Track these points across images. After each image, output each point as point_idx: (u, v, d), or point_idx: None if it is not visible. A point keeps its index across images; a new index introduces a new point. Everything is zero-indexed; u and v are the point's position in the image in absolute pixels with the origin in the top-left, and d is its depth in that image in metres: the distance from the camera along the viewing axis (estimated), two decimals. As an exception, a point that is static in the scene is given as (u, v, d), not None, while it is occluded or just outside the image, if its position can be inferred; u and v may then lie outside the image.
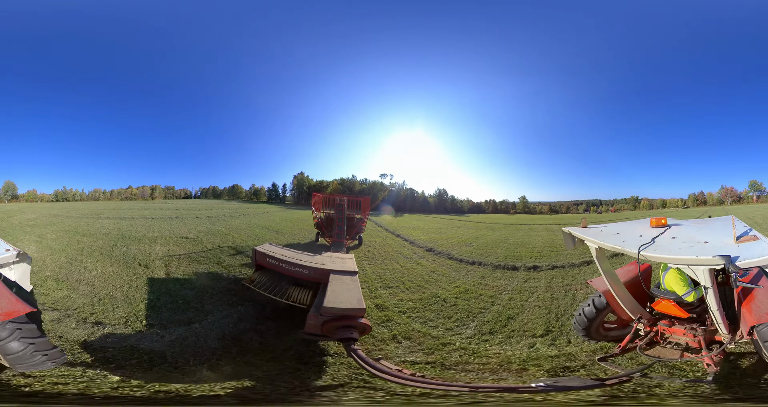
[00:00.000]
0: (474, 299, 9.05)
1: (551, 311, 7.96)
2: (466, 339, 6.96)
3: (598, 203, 33.66)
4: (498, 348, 6.56)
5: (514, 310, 8.20)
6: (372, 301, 8.61)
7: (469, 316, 8.03)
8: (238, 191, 35.42)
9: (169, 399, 4.77)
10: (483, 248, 15.85)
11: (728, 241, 4.30)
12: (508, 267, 12.03)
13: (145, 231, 16.55)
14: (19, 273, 5.21)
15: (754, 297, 4.55)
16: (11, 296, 4.60)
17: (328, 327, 5.74)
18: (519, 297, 9.07)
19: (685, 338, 5.28)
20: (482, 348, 6.61)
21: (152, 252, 12.56)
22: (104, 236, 15.13)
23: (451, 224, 26.59)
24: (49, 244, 13.25)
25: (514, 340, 6.83)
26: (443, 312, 8.28)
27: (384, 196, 30.23)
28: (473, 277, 11.17)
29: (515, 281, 10.58)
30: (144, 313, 7.72)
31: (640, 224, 5.52)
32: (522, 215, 32.42)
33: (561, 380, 4.71)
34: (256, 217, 24.66)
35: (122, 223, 18.91)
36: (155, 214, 22.91)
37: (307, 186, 33.90)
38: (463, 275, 11.39)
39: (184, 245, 13.86)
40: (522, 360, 6.08)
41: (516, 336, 6.97)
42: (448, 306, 8.63)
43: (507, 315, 7.93)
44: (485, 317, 7.92)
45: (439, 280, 10.89)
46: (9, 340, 4.29)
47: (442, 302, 8.82)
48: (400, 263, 12.87)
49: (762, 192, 30.02)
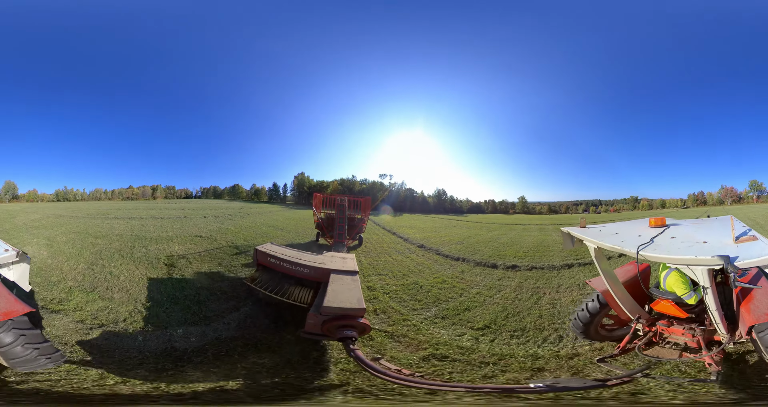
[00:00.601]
0: (446, 290, 9.99)
1: (506, 309, 8.47)
2: (423, 318, 7.99)
3: (598, 203, 33.64)
4: (435, 330, 7.41)
5: (475, 303, 8.91)
6: (364, 284, 9.32)
7: (436, 302, 9.01)
8: (238, 191, 35.46)
9: (169, 398, 4.79)
10: (472, 246, 16.44)
11: (727, 241, 4.31)
12: (488, 265, 12.73)
13: (159, 231, 16.66)
14: (18, 273, 5.21)
15: (753, 297, 4.55)
16: (10, 296, 4.60)
17: (328, 326, 5.75)
18: (486, 293, 9.69)
19: (683, 338, 5.29)
20: (424, 327, 7.53)
21: (173, 251, 12.73)
22: (118, 237, 14.89)
23: (447, 224, 26.88)
24: (62, 248, 12.75)
25: (455, 327, 7.59)
26: (417, 296, 9.40)
27: (384, 196, 30.20)
28: (453, 271, 12.02)
29: (490, 278, 11.23)
30: (201, 311, 7.78)
31: (639, 224, 5.52)
32: (520, 216, 32.50)
33: (561, 381, 4.72)
34: (260, 216, 25.16)
35: (132, 223, 18.88)
36: (162, 214, 22.99)
37: (307, 186, 33.95)
38: (445, 269, 12.31)
39: (201, 244, 14.24)
40: (434, 344, 6.77)
41: (457, 325, 7.70)
42: (423, 292, 9.74)
43: (465, 306, 8.65)
44: (447, 305, 8.77)
45: (423, 271, 11.94)
46: (13, 345, 4.29)
47: (419, 289, 9.94)
48: (393, 256, 13.90)
49: (762, 192, 29.87)
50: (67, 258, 11.31)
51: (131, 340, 6.56)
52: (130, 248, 12.93)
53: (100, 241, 14.04)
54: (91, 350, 6.08)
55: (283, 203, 34.75)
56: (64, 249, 12.50)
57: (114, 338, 6.59)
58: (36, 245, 12.97)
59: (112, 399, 4.60)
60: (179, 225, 18.58)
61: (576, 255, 12.56)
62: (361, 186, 32.59)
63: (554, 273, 11.27)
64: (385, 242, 17.18)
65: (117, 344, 6.39)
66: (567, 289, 9.48)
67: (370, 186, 32.39)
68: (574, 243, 5.66)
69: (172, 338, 6.71)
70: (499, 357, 6.31)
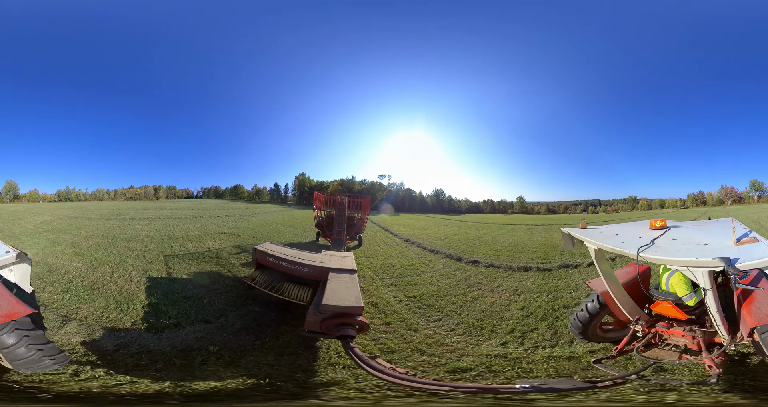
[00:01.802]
0: (410, 270, 12.42)
1: (440, 290, 10.27)
2: (383, 283, 10.72)
3: (597, 203, 33.51)
4: (386, 291, 10.03)
5: (422, 282, 11.12)
6: (357, 261, 11.08)
7: (398, 276, 11.61)
8: (240, 191, 35.58)
9: (168, 396, 4.78)
10: (453, 242, 17.96)
11: (728, 243, 4.30)
12: (454, 257, 14.41)
13: (184, 230, 16.97)
14: (20, 275, 5.17)
15: (754, 299, 4.53)
16: (11, 297, 4.58)
17: (326, 324, 5.74)
18: (436, 277, 11.68)
19: (683, 339, 5.26)
20: (381, 288, 10.25)
21: (211, 248, 13.30)
22: (149, 238, 14.38)
23: (440, 223, 27.47)
24: (96, 255, 11.44)
25: (397, 292, 10.02)
26: (388, 272, 12.05)
27: (382, 196, 30.30)
28: (424, 260, 14.21)
29: (449, 268, 12.89)
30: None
31: (640, 225, 5.51)
32: (517, 215, 32.48)
33: (548, 382, 4.69)
34: (267, 215, 26.14)
35: (153, 224, 18.76)
36: (177, 214, 23.18)
37: (308, 187, 34.04)
38: (418, 257, 14.64)
39: (228, 239, 15.37)
40: (378, 297, 9.37)
41: (400, 291, 10.12)
42: (394, 269, 12.37)
43: (414, 282, 11.07)
44: (404, 279, 11.34)
45: (399, 257, 14.42)
46: (17, 346, 4.26)
47: (391, 268, 12.59)
48: (381, 246, 16.40)
49: (763, 192, 29.17)
50: (112, 268, 10.14)
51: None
52: (170, 248, 12.97)
53: (134, 244, 13.35)
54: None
55: (284, 203, 34.93)
56: (100, 257, 11.30)
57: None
58: (62, 254, 11.48)
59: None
60: (200, 224, 19.12)
61: (542, 259, 13.52)
62: (361, 186, 32.63)
63: (506, 273, 12.10)
64: (378, 236, 19.18)
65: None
66: (502, 291, 10.12)
67: (369, 187, 32.44)
68: (575, 244, 5.64)
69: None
70: (400, 318, 8.11)
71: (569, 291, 9.52)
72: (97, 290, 8.59)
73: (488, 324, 7.84)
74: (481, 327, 7.71)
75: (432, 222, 27.67)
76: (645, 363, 5.16)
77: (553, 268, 12.07)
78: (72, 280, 9.12)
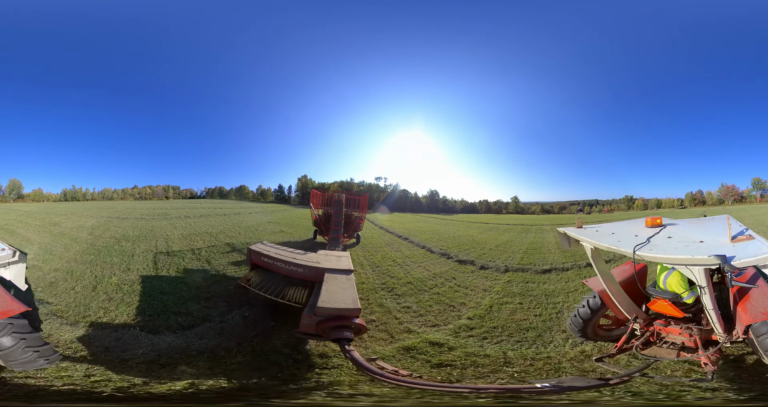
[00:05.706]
0: (378, 251, 14.75)
1: (407, 277, 11.26)
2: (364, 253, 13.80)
3: (595, 203, 33.36)
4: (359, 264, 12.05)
5: (385, 265, 12.67)
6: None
7: (370, 255, 13.90)
8: (245, 191, 35.69)
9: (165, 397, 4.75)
10: (429, 238, 19.41)
11: (724, 240, 4.30)
12: (421, 247, 16.18)
13: (222, 226, 18.36)
14: (15, 273, 5.26)
15: (750, 297, 4.54)
16: (6, 295, 4.68)
17: (322, 327, 5.69)
18: (400, 261, 13.29)
19: (681, 337, 5.27)
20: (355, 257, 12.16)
21: (251, 242, 13.66)
22: (209, 235, 15.95)
23: (427, 221, 28.06)
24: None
25: (361, 262, 12.47)
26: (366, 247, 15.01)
27: (382, 198, 30.54)
28: (397, 246, 16.27)
29: (417, 256, 14.44)
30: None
31: (636, 223, 5.52)
32: (510, 216, 32.33)
33: (565, 380, 4.68)
34: (278, 213, 27.25)
35: (192, 221, 19.42)
36: (202, 212, 23.83)
37: (310, 188, 34.31)
38: (395, 244, 16.83)
39: (257, 235, 16.82)
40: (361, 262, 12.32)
41: (365, 269, 11.85)
42: (369, 248, 15.09)
43: (375, 264, 12.75)
44: (374, 257, 13.62)
45: (377, 240, 17.40)
46: (13, 349, 4.34)
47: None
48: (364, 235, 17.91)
49: (766, 191, 27.70)
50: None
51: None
52: (241, 241, 14.74)
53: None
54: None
55: (288, 203, 35.22)
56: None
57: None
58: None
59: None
60: (230, 221, 20.38)
61: (506, 258, 14.02)
62: (359, 188, 32.81)
63: (465, 268, 12.72)
64: (367, 228, 20.86)
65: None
66: (454, 285, 10.68)
67: (366, 188, 32.62)
68: (571, 244, 5.64)
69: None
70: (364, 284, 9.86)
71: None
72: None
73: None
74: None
75: (420, 220, 28.40)
76: (645, 361, 5.17)
77: (515, 268, 12.56)
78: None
